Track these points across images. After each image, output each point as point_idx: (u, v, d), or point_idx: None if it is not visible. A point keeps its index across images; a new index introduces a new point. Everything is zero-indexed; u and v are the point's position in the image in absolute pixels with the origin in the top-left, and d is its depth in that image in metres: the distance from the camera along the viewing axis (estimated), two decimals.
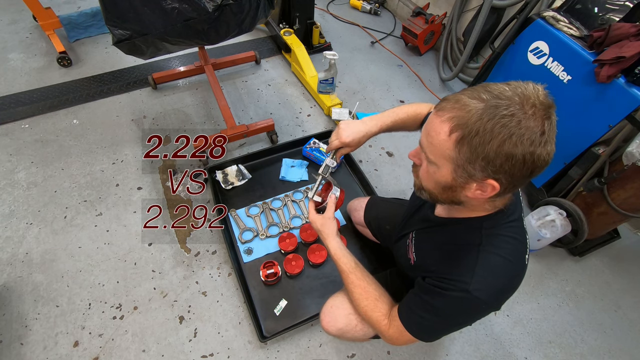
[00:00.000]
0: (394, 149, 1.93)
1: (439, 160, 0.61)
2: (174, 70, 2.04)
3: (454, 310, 0.71)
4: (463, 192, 0.64)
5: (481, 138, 0.54)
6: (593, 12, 1.42)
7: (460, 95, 0.58)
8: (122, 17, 1.27)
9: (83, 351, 1.21)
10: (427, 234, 0.85)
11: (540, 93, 0.54)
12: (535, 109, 0.53)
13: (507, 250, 0.68)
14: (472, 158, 0.56)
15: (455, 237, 0.75)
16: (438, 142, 0.59)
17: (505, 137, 0.52)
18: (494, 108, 0.53)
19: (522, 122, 0.52)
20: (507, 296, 0.71)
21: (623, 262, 1.62)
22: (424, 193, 0.71)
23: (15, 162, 1.68)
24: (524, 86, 0.55)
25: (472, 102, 0.55)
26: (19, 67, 2.10)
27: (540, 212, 1.48)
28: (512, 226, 0.70)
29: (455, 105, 0.57)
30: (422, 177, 0.69)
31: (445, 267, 0.72)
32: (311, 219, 0.99)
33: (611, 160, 1.38)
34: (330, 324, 0.97)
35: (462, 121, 0.55)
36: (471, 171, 0.58)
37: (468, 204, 0.68)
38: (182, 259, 1.44)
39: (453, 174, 0.61)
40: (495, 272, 0.67)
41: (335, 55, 1.83)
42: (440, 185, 0.65)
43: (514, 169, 0.55)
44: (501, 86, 0.56)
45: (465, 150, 0.56)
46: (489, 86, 0.57)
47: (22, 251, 1.42)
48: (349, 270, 0.90)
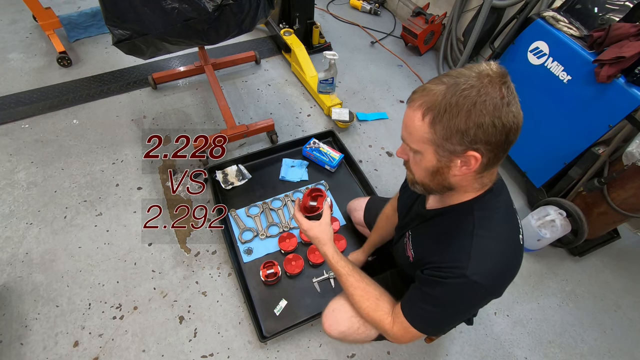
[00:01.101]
0: (394, 149, 1.93)
1: (420, 146, 0.65)
2: (174, 70, 2.04)
3: (454, 297, 0.71)
4: (450, 172, 0.66)
5: (449, 113, 0.59)
6: (593, 12, 1.42)
7: (425, 84, 0.64)
8: (122, 17, 1.27)
9: (83, 351, 1.22)
10: (422, 230, 0.86)
11: (492, 65, 0.60)
12: (490, 77, 0.58)
13: (500, 232, 0.70)
14: (448, 134, 0.60)
15: (449, 225, 0.76)
16: (415, 129, 0.64)
17: (469, 106, 0.57)
18: (455, 85, 0.59)
19: (481, 90, 0.57)
20: (506, 279, 0.72)
21: (623, 262, 1.62)
22: (418, 186, 0.74)
23: (15, 162, 1.68)
24: (477, 65, 0.61)
25: (436, 87, 0.61)
26: (19, 67, 2.10)
27: (540, 212, 1.48)
28: (501, 207, 0.72)
29: (423, 93, 0.62)
30: (413, 169, 0.72)
31: (441, 256, 0.73)
32: (306, 227, 0.96)
33: (611, 160, 1.38)
34: (332, 327, 0.97)
35: (430, 104, 0.60)
36: (450, 147, 0.62)
37: (458, 185, 0.69)
38: (182, 259, 1.44)
39: (436, 155, 0.64)
40: (492, 255, 0.68)
41: (335, 55, 1.83)
42: (429, 171, 0.68)
43: (488, 136, 0.59)
44: (459, 69, 0.61)
45: (439, 128, 0.60)
46: (449, 72, 0.62)
47: (22, 251, 1.42)
48: (348, 272, 0.90)
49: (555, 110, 1.50)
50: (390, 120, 2.08)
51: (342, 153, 1.76)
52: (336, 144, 1.84)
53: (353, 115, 1.96)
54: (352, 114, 1.94)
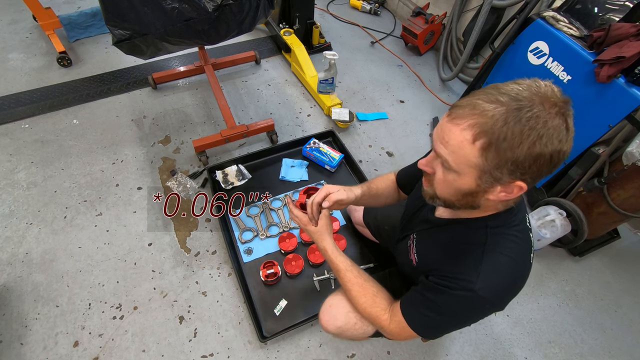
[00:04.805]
0: (394, 149, 1.93)
1: (462, 168, 0.59)
2: (174, 70, 2.04)
3: (457, 308, 0.71)
4: (485, 196, 0.63)
5: (509, 142, 0.53)
6: (593, 12, 1.42)
7: (474, 100, 0.56)
8: (122, 17, 1.27)
9: (83, 351, 1.21)
10: (428, 235, 0.84)
11: (555, 90, 0.54)
12: (557, 107, 0.52)
13: (512, 249, 0.68)
14: (501, 163, 0.55)
15: (458, 237, 0.75)
16: (460, 150, 0.57)
17: (535, 139, 0.52)
18: (517, 111, 0.52)
19: (549, 122, 0.52)
20: (512, 296, 0.71)
21: (623, 262, 1.62)
22: (438, 201, 0.70)
23: (15, 162, 1.68)
24: (536, 84, 0.55)
25: (491, 107, 0.54)
26: (19, 67, 2.10)
27: (540, 212, 1.48)
28: (517, 224, 0.70)
29: (475, 112, 0.55)
30: (438, 185, 0.66)
31: (449, 266, 0.72)
32: (305, 222, 0.96)
33: (611, 160, 1.38)
34: (329, 322, 0.97)
35: (485, 127, 0.54)
36: (498, 175, 0.57)
37: (485, 206, 0.66)
38: (182, 259, 1.44)
39: (478, 181, 0.60)
40: (501, 271, 0.67)
41: (335, 55, 1.83)
42: (461, 192, 0.63)
43: (541, 168, 0.55)
44: (513, 86, 0.55)
45: (493, 156, 0.55)
46: (501, 88, 0.55)
47: (22, 251, 1.42)
48: (346, 268, 0.90)
49: None
50: (390, 120, 2.08)
51: (342, 153, 1.76)
52: (336, 144, 1.84)
53: (353, 115, 1.96)
54: (352, 114, 1.94)
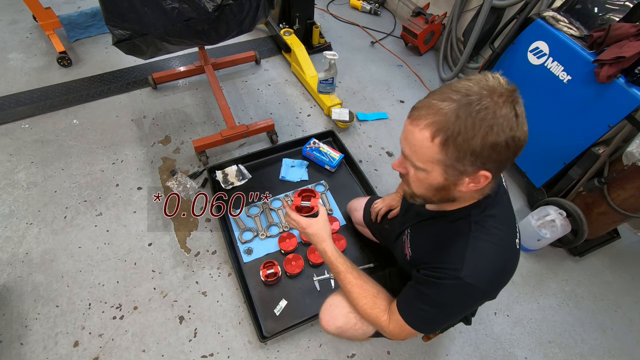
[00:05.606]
0: (394, 149, 1.93)
1: (427, 165, 0.63)
2: (174, 70, 2.04)
3: (448, 298, 0.72)
4: (457, 189, 0.66)
5: (464, 136, 0.56)
6: (593, 12, 1.42)
7: (430, 100, 0.60)
8: (122, 17, 1.27)
9: (83, 351, 1.21)
10: (420, 228, 0.87)
11: (502, 81, 0.57)
12: (504, 97, 0.56)
13: (496, 235, 0.70)
14: (460, 156, 0.58)
15: (446, 227, 0.77)
16: (422, 149, 0.61)
17: (487, 129, 0.55)
18: (467, 105, 0.56)
19: (497, 112, 0.55)
20: (501, 282, 0.73)
21: (623, 262, 1.62)
22: (417, 199, 0.73)
23: (15, 162, 1.68)
24: (484, 78, 0.58)
25: (444, 104, 0.57)
26: (19, 67, 2.10)
27: (540, 212, 1.48)
28: (499, 211, 0.72)
29: (430, 111, 0.59)
30: (413, 184, 0.70)
31: (437, 257, 0.74)
32: (305, 225, 0.96)
33: (611, 160, 1.38)
34: (329, 322, 0.97)
35: (441, 125, 0.57)
36: (461, 168, 0.60)
37: (461, 198, 0.70)
38: (182, 259, 1.44)
39: (444, 175, 0.63)
40: (486, 257, 0.68)
41: (335, 55, 1.83)
42: (433, 187, 0.67)
43: (500, 156, 0.58)
44: (465, 83, 0.58)
45: (452, 150, 0.58)
46: (454, 85, 0.59)
47: (22, 251, 1.42)
48: (346, 270, 0.91)
49: (555, 110, 1.50)
50: (390, 120, 2.08)
51: (342, 153, 1.76)
52: (336, 144, 1.84)
53: (353, 115, 1.96)
54: (352, 114, 1.94)
